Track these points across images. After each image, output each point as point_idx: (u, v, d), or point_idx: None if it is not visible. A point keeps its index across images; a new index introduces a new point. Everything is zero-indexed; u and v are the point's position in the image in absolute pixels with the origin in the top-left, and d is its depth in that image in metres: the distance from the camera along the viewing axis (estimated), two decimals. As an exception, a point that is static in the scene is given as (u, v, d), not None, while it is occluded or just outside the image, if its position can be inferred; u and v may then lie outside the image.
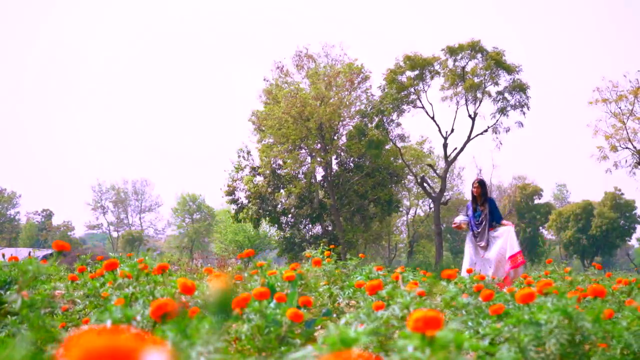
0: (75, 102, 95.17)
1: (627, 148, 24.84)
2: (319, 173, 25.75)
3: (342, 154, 25.75)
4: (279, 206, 25.46)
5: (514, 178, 50.05)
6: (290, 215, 25.88)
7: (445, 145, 25.14)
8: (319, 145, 24.49)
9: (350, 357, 0.61)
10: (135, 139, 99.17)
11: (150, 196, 58.88)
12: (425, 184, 26.51)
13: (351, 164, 25.99)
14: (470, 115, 24.62)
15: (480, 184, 6.31)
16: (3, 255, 3.07)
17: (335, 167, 25.80)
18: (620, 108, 24.98)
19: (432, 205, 29.72)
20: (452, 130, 24.84)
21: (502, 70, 23.70)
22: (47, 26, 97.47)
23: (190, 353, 1.08)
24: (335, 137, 24.97)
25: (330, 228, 25.66)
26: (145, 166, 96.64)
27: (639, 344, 1.61)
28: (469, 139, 24.77)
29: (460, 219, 6.36)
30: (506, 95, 24.10)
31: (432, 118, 24.88)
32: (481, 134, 24.68)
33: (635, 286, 3.26)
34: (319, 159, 24.22)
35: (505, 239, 5.91)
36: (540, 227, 48.89)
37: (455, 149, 25.24)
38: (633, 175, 24.85)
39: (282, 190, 25.45)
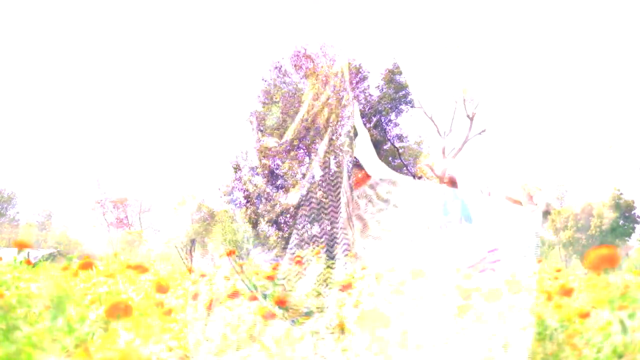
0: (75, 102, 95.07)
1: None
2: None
3: (340, 154, 25.69)
4: (278, 206, 25.42)
5: (513, 178, 49.97)
6: (288, 216, 25.84)
7: (443, 146, 25.08)
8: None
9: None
10: (135, 139, 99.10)
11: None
12: (423, 184, 26.44)
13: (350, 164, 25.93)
14: (468, 116, 24.57)
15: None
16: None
17: (333, 167, 25.75)
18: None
19: (430, 206, 29.64)
20: (451, 130, 24.80)
21: (500, 70, 23.65)
22: (47, 26, 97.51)
23: (143, 351, 1.08)
24: (334, 137, 24.92)
25: (329, 228, 25.61)
26: (145, 166, 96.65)
27: (611, 344, 1.60)
28: (467, 139, 24.71)
29: None
30: (504, 95, 24.05)
31: (431, 118, 24.85)
32: (479, 134, 24.62)
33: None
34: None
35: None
36: (540, 227, 48.82)
37: (454, 149, 25.19)
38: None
39: (280, 191, 25.41)
